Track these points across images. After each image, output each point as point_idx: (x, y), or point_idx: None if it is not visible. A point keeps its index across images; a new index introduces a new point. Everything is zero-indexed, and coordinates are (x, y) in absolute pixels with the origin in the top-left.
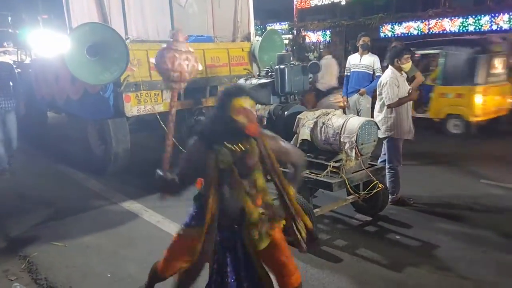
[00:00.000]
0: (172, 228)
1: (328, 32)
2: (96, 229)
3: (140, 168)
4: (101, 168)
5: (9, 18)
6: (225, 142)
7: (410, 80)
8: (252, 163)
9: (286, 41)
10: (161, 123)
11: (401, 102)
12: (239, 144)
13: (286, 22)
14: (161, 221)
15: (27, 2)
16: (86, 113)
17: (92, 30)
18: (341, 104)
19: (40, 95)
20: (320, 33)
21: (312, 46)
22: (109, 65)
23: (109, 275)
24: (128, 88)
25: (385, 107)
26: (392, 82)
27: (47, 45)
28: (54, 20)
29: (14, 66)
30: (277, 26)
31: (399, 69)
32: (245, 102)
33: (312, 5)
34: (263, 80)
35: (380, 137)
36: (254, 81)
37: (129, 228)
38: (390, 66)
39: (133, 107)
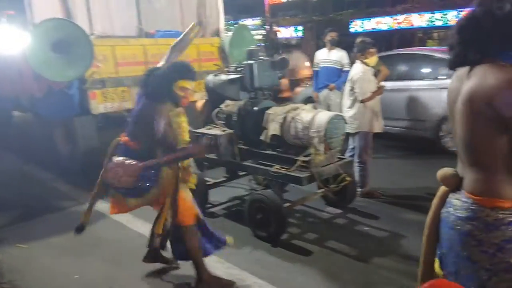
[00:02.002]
0: (142, 228)
1: (300, 28)
2: (64, 230)
3: None
4: (69, 168)
5: None
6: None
7: (375, 74)
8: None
9: (259, 37)
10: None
11: (372, 96)
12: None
13: (258, 18)
14: (131, 220)
15: None
16: (51, 111)
17: (55, 26)
18: None
19: (4, 93)
20: (292, 28)
21: (285, 42)
22: (74, 62)
23: (76, 276)
24: (93, 85)
25: (357, 102)
26: (364, 77)
27: (10, 42)
28: (18, 16)
29: None
30: (249, 22)
31: (365, 64)
32: (188, 84)
33: (284, 1)
34: (233, 76)
35: (352, 132)
36: (224, 77)
37: (97, 228)
38: (357, 61)
39: (99, 105)
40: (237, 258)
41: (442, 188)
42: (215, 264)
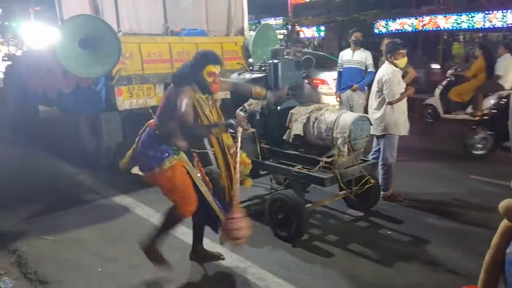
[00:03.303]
0: None
1: (322, 28)
2: (87, 223)
3: None
4: (93, 162)
5: (0, 10)
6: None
7: (402, 75)
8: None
9: (281, 36)
10: (154, 116)
11: (401, 98)
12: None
13: (280, 17)
14: (153, 215)
15: None
16: (78, 107)
17: (83, 22)
18: None
19: (31, 88)
20: (314, 28)
21: (307, 41)
22: (101, 58)
23: (99, 269)
24: (120, 81)
25: (385, 104)
26: (393, 78)
27: (38, 38)
28: (46, 12)
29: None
30: (271, 21)
31: (395, 65)
32: (216, 69)
33: (306, 0)
34: (257, 75)
35: (378, 134)
36: (248, 76)
37: (120, 222)
38: (386, 62)
39: (125, 101)
40: (257, 257)
41: (505, 223)
42: (235, 262)
